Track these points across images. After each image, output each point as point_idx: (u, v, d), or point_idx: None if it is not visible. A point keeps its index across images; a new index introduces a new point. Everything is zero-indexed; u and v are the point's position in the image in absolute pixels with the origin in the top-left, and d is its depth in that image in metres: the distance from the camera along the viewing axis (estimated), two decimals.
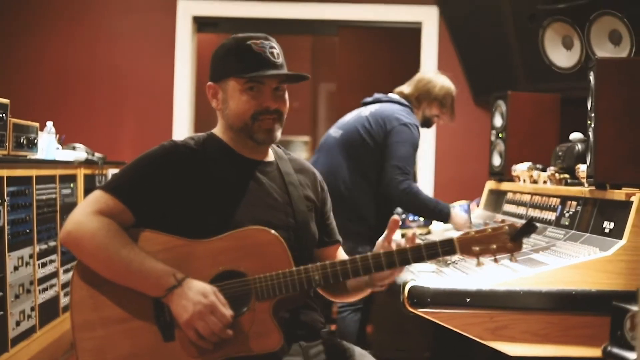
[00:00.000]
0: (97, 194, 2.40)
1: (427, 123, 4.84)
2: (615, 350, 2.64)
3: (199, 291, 2.29)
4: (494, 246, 2.34)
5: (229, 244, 2.38)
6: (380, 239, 2.44)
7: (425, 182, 6.55)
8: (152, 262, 2.31)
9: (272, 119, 2.52)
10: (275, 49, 2.54)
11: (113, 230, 2.33)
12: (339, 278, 2.38)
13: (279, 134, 2.55)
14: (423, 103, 4.79)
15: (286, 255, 2.39)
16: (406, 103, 4.72)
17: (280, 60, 2.53)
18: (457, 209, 4.46)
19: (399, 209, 4.73)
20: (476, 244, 2.34)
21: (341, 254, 2.76)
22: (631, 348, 2.53)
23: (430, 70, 4.99)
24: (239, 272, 2.38)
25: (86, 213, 2.35)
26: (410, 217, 4.86)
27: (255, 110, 2.50)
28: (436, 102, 4.79)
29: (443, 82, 4.85)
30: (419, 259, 2.36)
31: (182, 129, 6.58)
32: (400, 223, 3.17)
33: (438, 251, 2.35)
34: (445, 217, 4.50)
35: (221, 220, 2.42)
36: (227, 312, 2.30)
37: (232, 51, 2.54)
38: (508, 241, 2.33)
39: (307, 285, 2.38)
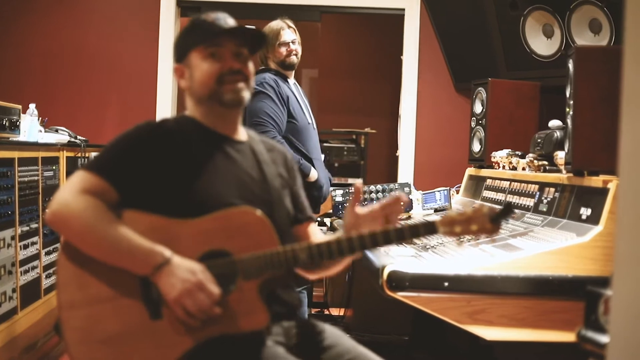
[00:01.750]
0: (80, 174, 2.39)
1: (284, 65, 4.94)
2: (589, 334, 2.67)
3: (186, 269, 2.30)
4: (474, 227, 2.37)
5: (214, 224, 2.39)
6: (347, 209, 2.48)
7: (405, 168, 6.59)
8: (139, 240, 2.32)
9: (237, 79, 2.53)
10: (228, 18, 2.57)
11: (100, 209, 2.33)
12: (323, 257, 2.41)
13: (247, 94, 2.55)
14: (269, 58, 4.92)
15: (271, 234, 2.41)
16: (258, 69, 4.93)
17: (232, 24, 2.56)
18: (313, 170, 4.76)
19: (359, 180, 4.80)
20: (457, 225, 2.37)
21: (314, 230, 2.78)
22: (604, 331, 2.57)
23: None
24: (225, 252, 2.38)
25: (71, 193, 2.34)
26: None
27: (220, 72, 2.50)
28: (271, 48, 4.93)
29: (266, 27, 5.01)
30: (401, 238, 2.39)
31: (165, 112, 6.58)
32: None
33: (420, 231, 2.38)
34: (305, 173, 4.70)
35: (202, 198, 2.42)
36: (215, 289, 2.31)
37: (188, 28, 2.59)
38: (487, 223, 2.35)
39: (294, 264, 2.40)
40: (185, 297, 2.29)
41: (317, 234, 2.75)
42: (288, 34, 4.94)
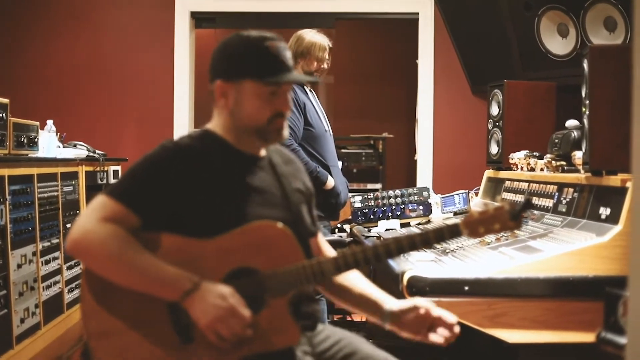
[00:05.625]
0: (101, 200, 2.34)
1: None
2: (609, 335, 2.66)
3: (217, 294, 2.28)
4: (497, 225, 2.37)
5: (237, 241, 2.37)
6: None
7: (424, 172, 6.58)
8: (166, 267, 2.29)
9: (282, 121, 2.51)
10: (287, 50, 2.52)
11: (123, 237, 2.29)
12: (350, 267, 2.40)
13: (287, 132, 2.56)
14: (299, 62, 4.89)
15: (295, 247, 2.39)
16: None
17: (292, 62, 2.54)
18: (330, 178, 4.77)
19: None
20: (480, 225, 2.37)
21: (322, 241, 2.78)
22: (624, 333, 2.55)
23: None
24: (251, 269, 2.37)
25: (92, 220, 2.30)
26: (410, 207, 4.88)
27: (271, 114, 2.47)
28: (309, 57, 4.88)
29: (311, 37, 4.98)
30: (427, 244, 2.40)
31: (182, 124, 6.61)
32: (399, 212, 3.21)
33: (445, 235, 2.39)
34: (322, 181, 4.69)
35: (227, 218, 2.39)
36: (246, 312, 2.29)
37: (248, 51, 2.48)
38: (509, 220, 2.36)
39: (321, 277, 2.39)
40: (218, 323, 2.27)
41: (325, 244, 2.75)
42: (328, 54, 4.99)
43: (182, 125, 6.60)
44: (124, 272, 2.30)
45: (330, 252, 2.73)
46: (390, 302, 2.54)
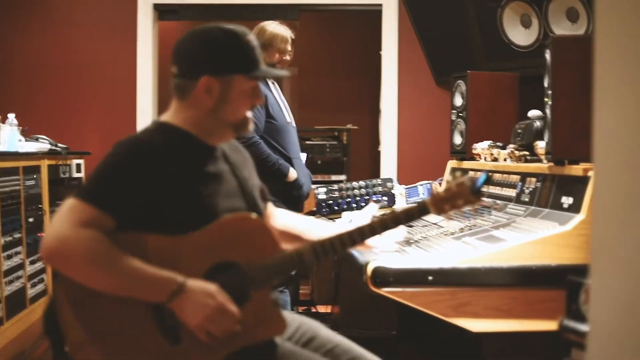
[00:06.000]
0: (73, 204, 2.26)
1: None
2: (571, 323, 2.68)
3: (204, 293, 2.27)
4: (460, 201, 2.51)
5: (214, 235, 2.36)
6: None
7: (388, 163, 6.59)
8: (148, 269, 2.25)
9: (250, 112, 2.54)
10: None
11: (102, 241, 2.22)
12: (328, 254, 2.45)
13: (252, 125, 2.57)
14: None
15: (272, 237, 2.42)
16: None
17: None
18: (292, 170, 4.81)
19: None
20: (445, 203, 2.51)
21: (273, 210, 2.81)
22: (586, 320, 2.57)
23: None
24: (230, 263, 2.37)
25: (67, 226, 2.22)
26: (374, 197, 4.89)
27: (250, 107, 2.50)
28: (270, 48, 4.92)
29: (273, 28, 5.02)
30: (398, 224, 2.54)
31: (145, 117, 6.56)
32: (363, 203, 3.25)
33: (414, 214, 2.55)
34: (284, 174, 4.78)
35: (196, 211, 2.38)
36: (234, 309, 2.30)
37: (236, 46, 2.46)
38: (470, 195, 2.49)
39: (300, 266, 2.45)
40: (208, 322, 2.28)
41: (274, 210, 2.81)
42: (290, 46, 4.98)
43: (145, 118, 6.55)
44: (106, 278, 2.24)
45: (279, 214, 2.82)
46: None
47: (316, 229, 2.78)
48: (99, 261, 2.21)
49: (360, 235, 2.47)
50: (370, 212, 2.88)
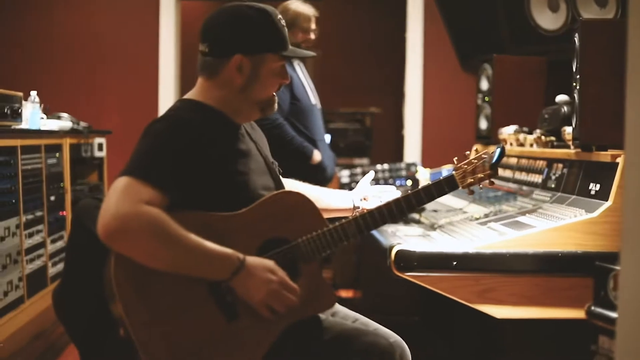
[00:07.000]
0: (127, 182, 2.19)
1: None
2: (599, 310, 2.65)
3: (264, 268, 2.30)
4: (480, 175, 2.62)
5: (262, 212, 2.39)
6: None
7: (412, 147, 6.55)
8: (210, 246, 2.23)
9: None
10: None
11: (164, 219, 2.18)
12: (370, 228, 2.52)
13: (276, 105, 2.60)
14: None
15: (317, 212, 2.48)
16: None
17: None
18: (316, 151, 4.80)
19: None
20: (469, 176, 2.62)
21: (283, 180, 2.80)
22: (614, 307, 2.54)
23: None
24: (282, 239, 2.41)
25: (126, 205, 2.15)
26: (398, 182, 4.86)
27: (279, 86, 2.53)
28: (294, 28, 4.84)
29: (296, 7, 4.96)
30: (431, 196, 2.61)
31: (167, 97, 6.56)
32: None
33: (444, 187, 2.63)
34: (308, 156, 4.75)
35: (239, 188, 2.41)
36: (293, 284, 2.35)
37: (269, 25, 2.47)
38: (488, 168, 2.62)
39: (345, 239, 2.48)
40: (272, 297, 2.31)
41: (286, 183, 2.79)
42: (314, 24, 4.93)
43: (168, 98, 6.55)
44: (170, 255, 2.22)
45: (289, 184, 2.83)
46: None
47: (327, 197, 2.87)
48: (163, 238, 2.18)
49: (398, 209, 2.54)
50: (369, 178, 3.04)
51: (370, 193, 2.93)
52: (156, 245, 2.19)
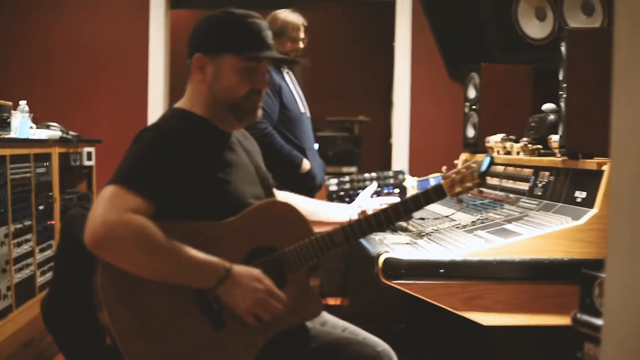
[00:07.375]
0: (114, 191, 2.21)
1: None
2: (585, 317, 2.66)
3: (251, 277, 2.31)
4: (469, 184, 2.68)
5: (250, 221, 2.40)
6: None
7: (400, 155, 6.57)
8: (197, 255, 2.24)
9: (259, 99, 2.53)
10: (268, 30, 2.55)
11: (150, 227, 2.19)
12: (358, 236, 2.56)
13: (260, 112, 2.58)
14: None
15: (305, 221, 2.49)
16: None
17: (272, 42, 2.55)
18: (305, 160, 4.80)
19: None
20: (457, 185, 2.67)
21: (277, 193, 2.83)
22: (600, 314, 2.55)
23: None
24: (269, 247, 2.42)
25: (113, 212, 2.16)
26: (385, 190, 4.87)
27: (249, 90, 2.49)
28: (282, 37, 4.85)
29: (285, 16, 4.95)
30: (419, 205, 2.67)
31: (157, 106, 6.57)
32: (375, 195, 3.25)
33: (432, 196, 2.69)
34: (297, 164, 4.76)
35: (228, 196, 2.42)
36: (280, 292, 2.36)
37: (230, 26, 2.49)
38: (476, 177, 2.66)
39: (332, 248, 2.49)
40: (258, 306, 2.31)
41: (279, 195, 2.84)
42: (303, 33, 4.94)
43: (157, 107, 6.56)
44: (156, 263, 2.23)
45: (282, 196, 2.86)
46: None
47: (324, 210, 2.92)
48: (149, 246, 2.19)
49: (387, 218, 2.59)
50: (370, 191, 3.10)
51: (370, 206, 2.95)
52: (142, 253, 2.20)
